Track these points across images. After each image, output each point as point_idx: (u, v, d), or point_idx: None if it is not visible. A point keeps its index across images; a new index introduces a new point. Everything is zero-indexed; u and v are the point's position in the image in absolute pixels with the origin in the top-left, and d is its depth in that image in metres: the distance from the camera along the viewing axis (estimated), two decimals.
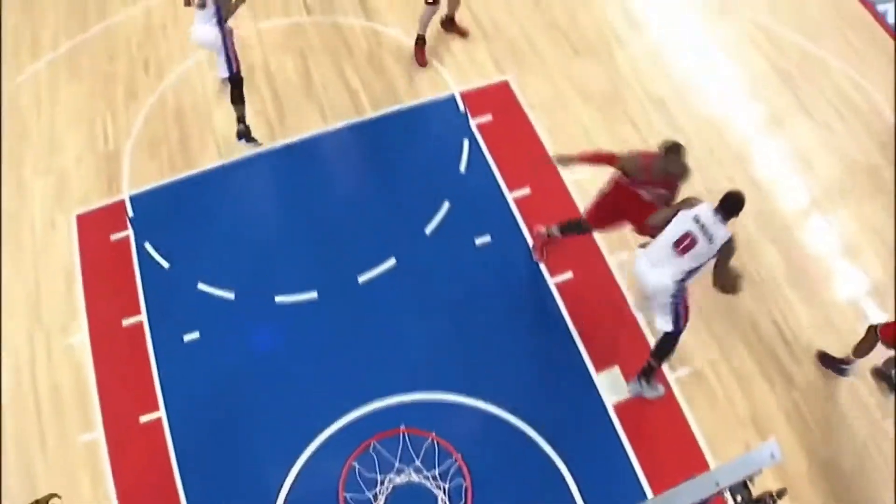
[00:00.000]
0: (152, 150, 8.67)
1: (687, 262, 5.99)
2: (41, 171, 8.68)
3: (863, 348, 6.64)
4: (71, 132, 8.98)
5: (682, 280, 6.06)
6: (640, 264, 6.30)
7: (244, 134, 8.38)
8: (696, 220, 5.95)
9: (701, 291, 6.52)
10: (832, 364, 6.93)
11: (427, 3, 8.70)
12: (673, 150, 6.42)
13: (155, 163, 8.57)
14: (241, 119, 8.32)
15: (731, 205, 5.98)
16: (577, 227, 7.22)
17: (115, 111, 9.06)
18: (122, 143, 8.77)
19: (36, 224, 8.24)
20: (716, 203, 5.98)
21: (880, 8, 9.61)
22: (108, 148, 8.77)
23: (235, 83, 8.11)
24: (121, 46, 9.79)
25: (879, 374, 6.81)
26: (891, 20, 9.59)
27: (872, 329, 6.48)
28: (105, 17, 10.18)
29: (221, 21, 7.82)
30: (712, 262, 6.00)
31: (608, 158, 6.66)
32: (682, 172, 6.42)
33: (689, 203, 6.11)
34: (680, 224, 6.02)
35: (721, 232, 5.91)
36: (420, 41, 9.12)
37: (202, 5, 7.81)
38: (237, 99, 8.20)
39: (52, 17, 10.32)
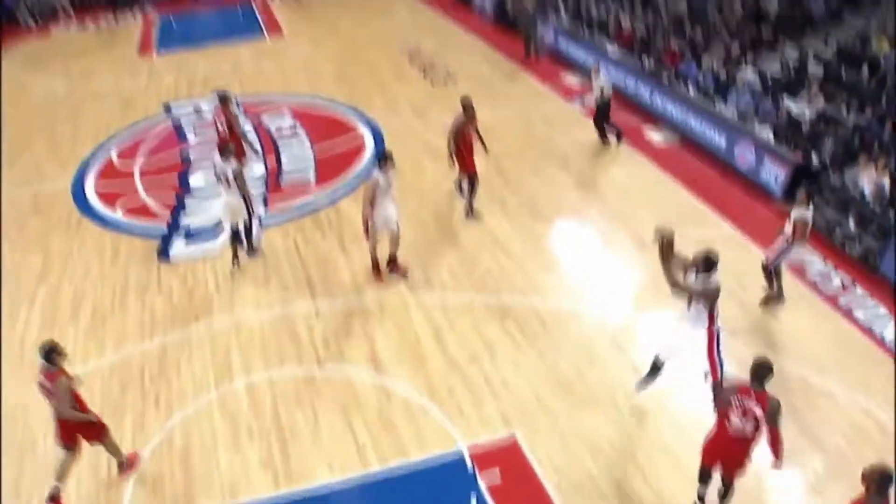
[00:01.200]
0: (155, 487, 8.55)
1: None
2: (41, 485, 8.46)
3: None
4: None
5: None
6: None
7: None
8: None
9: None
10: None
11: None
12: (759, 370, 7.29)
13: (157, 500, 8.40)
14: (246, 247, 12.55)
15: (707, 264, 8.49)
16: (707, 478, 7.86)
17: (121, 440, 9.01)
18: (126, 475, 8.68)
19: None
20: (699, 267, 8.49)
21: (876, 329, 10.35)
22: (110, 477, 8.67)
23: (249, 233, 12.42)
24: (134, 377, 10.06)
25: None
26: (888, 338, 10.28)
27: None
28: (121, 347, 10.60)
29: (243, 194, 11.87)
30: None
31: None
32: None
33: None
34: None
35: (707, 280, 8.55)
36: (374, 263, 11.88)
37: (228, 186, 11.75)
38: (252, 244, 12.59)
39: (71, 336, 10.77)
